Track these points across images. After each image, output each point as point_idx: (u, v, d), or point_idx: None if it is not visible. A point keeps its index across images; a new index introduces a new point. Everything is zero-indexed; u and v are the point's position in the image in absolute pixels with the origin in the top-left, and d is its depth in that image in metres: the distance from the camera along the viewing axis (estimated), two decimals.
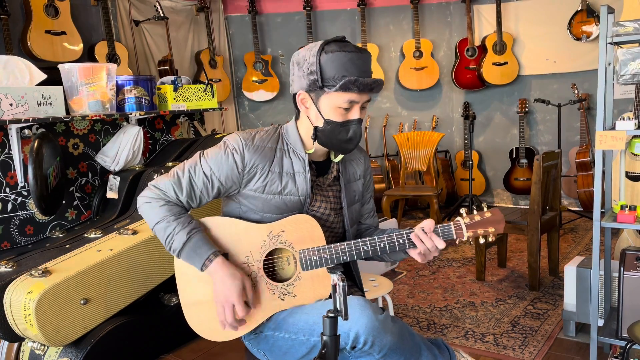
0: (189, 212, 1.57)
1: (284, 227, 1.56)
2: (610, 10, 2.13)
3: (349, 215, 1.67)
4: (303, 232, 1.55)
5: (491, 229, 1.54)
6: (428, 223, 1.52)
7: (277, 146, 1.59)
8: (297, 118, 1.62)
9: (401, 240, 1.53)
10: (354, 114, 1.52)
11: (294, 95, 1.56)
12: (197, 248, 1.49)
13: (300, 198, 1.58)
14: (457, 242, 1.56)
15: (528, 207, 3.23)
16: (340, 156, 1.63)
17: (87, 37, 4.29)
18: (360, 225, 1.80)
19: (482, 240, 1.54)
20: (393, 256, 1.63)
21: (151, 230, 1.55)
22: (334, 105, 1.50)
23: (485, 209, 1.56)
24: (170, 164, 3.05)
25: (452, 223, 1.54)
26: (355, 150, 1.73)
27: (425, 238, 1.51)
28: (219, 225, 1.56)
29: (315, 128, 1.55)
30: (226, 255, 1.55)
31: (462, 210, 1.56)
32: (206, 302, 1.56)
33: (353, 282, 1.78)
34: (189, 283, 1.57)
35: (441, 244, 1.51)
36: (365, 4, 5.44)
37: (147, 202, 1.55)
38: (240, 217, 1.60)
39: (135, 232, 2.48)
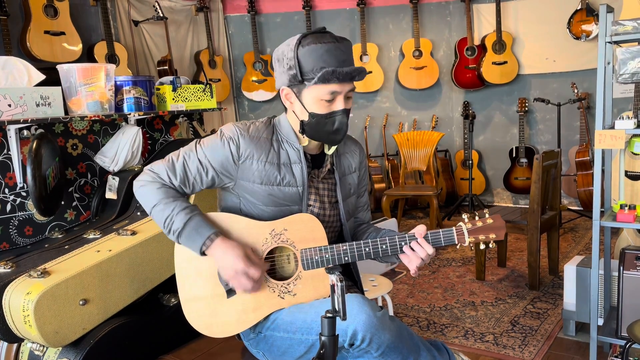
0: (185, 197, 1.58)
1: (286, 226, 1.56)
2: (610, 9, 2.12)
3: (344, 208, 1.67)
4: (305, 232, 1.55)
5: (492, 235, 1.54)
6: (420, 228, 1.53)
7: (273, 137, 1.60)
8: (286, 113, 1.64)
9: (403, 243, 1.53)
10: (338, 105, 1.52)
11: (279, 91, 1.57)
12: (198, 227, 1.49)
13: (298, 189, 1.58)
14: (458, 246, 1.56)
15: (528, 206, 3.22)
16: (334, 148, 1.63)
17: (87, 38, 4.28)
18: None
19: (482, 246, 1.54)
20: (386, 258, 1.62)
21: (149, 214, 1.56)
22: (316, 98, 1.50)
23: (487, 215, 1.55)
24: None
25: (454, 228, 1.53)
26: (350, 143, 1.74)
27: (419, 248, 1.51)
28: (220, 221, 1.56)
29: (302, 122, 1.55)
30: None
31: (465, 215, 1.56)
32: (205, 297, 1.56)
33: (353, 282, 1.78)
34: (189, 278, 1.57)
35: (430, 250, 1.51)
36: (365, 3, 5.43)
37: (143, 185, 1.56)
38: (239, 211, 1.60)
39: (134, 233, 2.48)
